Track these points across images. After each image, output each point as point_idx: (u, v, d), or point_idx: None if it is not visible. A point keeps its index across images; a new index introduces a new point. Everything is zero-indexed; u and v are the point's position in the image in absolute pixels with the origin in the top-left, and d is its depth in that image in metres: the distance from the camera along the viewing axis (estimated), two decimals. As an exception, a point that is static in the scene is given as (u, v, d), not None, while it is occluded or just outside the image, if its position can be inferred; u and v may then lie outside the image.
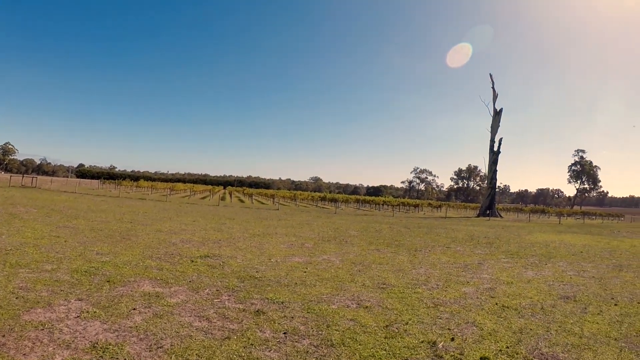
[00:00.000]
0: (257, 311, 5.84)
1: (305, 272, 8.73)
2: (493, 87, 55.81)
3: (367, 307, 6.40)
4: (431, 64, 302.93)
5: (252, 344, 4.63)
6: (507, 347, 5.00)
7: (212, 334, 4.87)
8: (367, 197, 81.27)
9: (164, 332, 4.81)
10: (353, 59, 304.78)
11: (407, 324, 5.69)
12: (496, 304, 7.06)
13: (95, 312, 5.31)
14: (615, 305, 7.41)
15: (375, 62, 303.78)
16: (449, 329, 5.59)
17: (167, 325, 5.03)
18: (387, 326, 5.53)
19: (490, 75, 56.14)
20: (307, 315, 5.81)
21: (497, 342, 5.17)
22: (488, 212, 52.43)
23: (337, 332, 5.15)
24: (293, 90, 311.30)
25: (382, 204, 65.41)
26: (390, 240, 15.35)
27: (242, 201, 50.76)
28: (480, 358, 4.65)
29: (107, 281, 6.85)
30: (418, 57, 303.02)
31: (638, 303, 7.61)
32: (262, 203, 50.40)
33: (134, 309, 5.56)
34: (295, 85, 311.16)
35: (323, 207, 50.74)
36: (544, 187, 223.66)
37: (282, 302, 6.34)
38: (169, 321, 5.17)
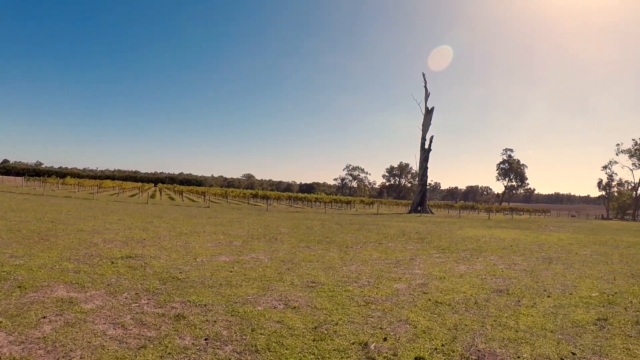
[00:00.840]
0: (178, 315, 5.30)
1: (231, 271, 8.18)
2: (425, 86, 57.16)
3: (295, 307, 5.96)
4: (367, 63, 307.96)
5: (169, 353, 4.16)
6: (443, 345, 4.71)
7: (126, 343, 4.35)
8: (300, 194, 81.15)
9: (75, 342, 4.25)
10: (288, 57, 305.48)
11: (337, 324, 5.30)
12: (429, 300, 6.82)
13: (1, 322, 4.68)
14: (548, 297, 7.37)
15: (310, 60, 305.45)
16: (381, 328, 5.25)
17: (79, 334, 4.48)
18: (315, 327, 5.11)
19: (423, 75, 57.53)
20: (230, 318, 5.31)
21: (432, 340, 4.87)
22: (419, 208, 53.62)
23: (263, 336, 4.70)
24: (225, 88, 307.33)
25: (315, 201, 65.45)
26: (321, 237, 15.02)
27: (172, 199, 49.21)
28: (415, 358, 4.32)
29: (18, 287, 6.10)
30: (354, 56, 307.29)
31: (570, 294, 7.63)
32: (193, 200, 48.95)
33: (44, 317, 4.95)
34: (227, 82, 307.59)
35: (255, 205, 50.07)
36: (474, 185, 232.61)
37: (205, 305, 5.82)
38: (81, 330, 4.60)
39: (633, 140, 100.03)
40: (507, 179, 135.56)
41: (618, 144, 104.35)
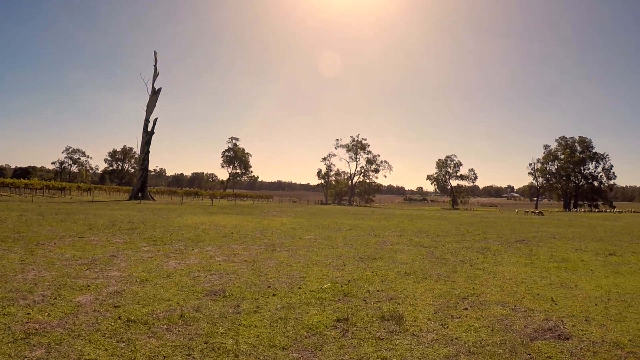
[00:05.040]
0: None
1: None
2: (155, 65, 53.88)
3: None
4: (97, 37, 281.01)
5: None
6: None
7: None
8: (7, 180, 68.74)
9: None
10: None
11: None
12: (119, 317, 4.89)
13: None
14: (274, 295, 6.15)
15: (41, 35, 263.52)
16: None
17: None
18: None
19: (155, 53, 54.04)
20: None
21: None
22: (140, 194, 50.41)
23: None
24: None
25: (24, 187, 56.22)
26: (10, 233, 11.69)
27: None
28: None
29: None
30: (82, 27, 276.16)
31: (299, 288, 6.61)
32: None
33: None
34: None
35: None
36: (199, 171, 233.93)
37: None
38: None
39: (351, 137, 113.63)
40: (231, 166, 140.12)
41: (337, 139, 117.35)
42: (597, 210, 27.39)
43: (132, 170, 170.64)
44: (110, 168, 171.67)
